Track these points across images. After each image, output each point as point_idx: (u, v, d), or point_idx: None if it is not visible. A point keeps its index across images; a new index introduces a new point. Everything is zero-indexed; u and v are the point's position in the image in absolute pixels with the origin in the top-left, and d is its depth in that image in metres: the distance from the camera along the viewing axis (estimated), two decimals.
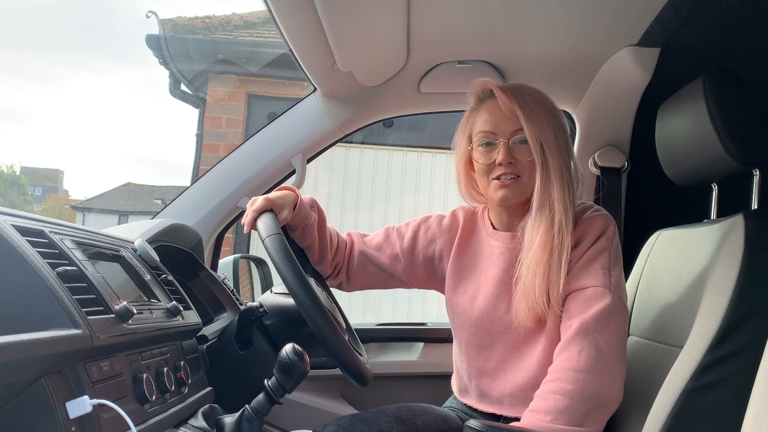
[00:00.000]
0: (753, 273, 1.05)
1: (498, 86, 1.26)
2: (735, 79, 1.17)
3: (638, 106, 1.66)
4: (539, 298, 1.18)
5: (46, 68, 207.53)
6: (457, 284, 1.37)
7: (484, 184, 1.28)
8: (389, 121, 1.96)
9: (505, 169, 1.24)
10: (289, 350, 1.04)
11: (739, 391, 0.93)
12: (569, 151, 1.27)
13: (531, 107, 1.23)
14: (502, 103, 1.24)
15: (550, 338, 1.24)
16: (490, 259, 1.34)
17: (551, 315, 1.20)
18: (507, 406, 1.30)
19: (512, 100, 1.23)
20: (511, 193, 1.25)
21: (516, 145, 1.24)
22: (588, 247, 1.22)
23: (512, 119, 1.24)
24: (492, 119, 1.26)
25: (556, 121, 1.26)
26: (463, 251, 1.39)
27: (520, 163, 1.24)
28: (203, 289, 1.51)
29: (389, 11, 1.33)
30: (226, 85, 5.25)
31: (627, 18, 1.40)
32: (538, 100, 1.25)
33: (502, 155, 1.23)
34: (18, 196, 36.84)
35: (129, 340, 0.92)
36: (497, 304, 1.30)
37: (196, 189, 1.80)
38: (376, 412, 1.27)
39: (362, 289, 1.49)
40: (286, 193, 1.31)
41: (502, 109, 1.24)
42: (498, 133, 1.25)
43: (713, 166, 1.20)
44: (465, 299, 1.35)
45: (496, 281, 1.31)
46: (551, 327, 1.23)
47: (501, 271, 1.30)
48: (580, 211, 1.27)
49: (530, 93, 1.26)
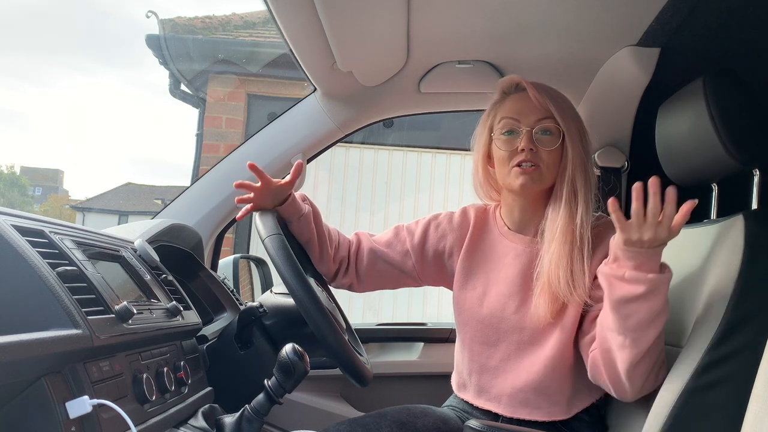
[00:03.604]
0: (753, 273, 1.05)
1: (528, 80, 1.30)
2: (735, 79, 1.17)
3: (638, 106, 1.66)
4: (564, 289, 1.21)
5: (40, 69, 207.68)
6: (466, 280, 1.38)
7: (504, 173, 1.30)
8: (389, 121, 1.96)
9: (526, 156, 1.26)
10: (289, 350, 1.04)
11: (739, 391, 0.93)
12: (589, 149, 1.33)
13: (558, 101, 1.29)
14: (532, 93, 1.28)
15: (559, 344, 1.25)
16: (503, 259, 1.35)
17: (573, 304, 1.23)
18: (504, 405, 1.30)
19: (541, 92, 1.28)
20: (531, 181, 1.27)
21: (538, 135, 1.28)
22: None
23: (538, 109, 1.28)
24: (516, 108, 1.30)
25: (579, 118, 1.33)
26: (474, 248, 1.40)
27: (541, 153, 1.27)
28: (203, 289, 1.52)
29: (389, 11, 1.34)
30: (226, 85, 5.25)
31: (627, 18, 1.40)
32: (563, 97, 1.33)
33: (525, 142, 1.26)
34: (18, 197, 36.85)
35: (129, 340, 0.92)
36: (507, 303, 1.31)
37: (196, 189, 1.80)
38: (376, 416, 1.27)
39: (373, 288, 1.49)
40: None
41: (528, 101, 1.29)
42: (521, 121, 1.29)
43: (713, 166, 1.20)
44: (474, 296, 1.36)
45: (509, 281, 1.32)
46: (561, 332, 1.25)
47: (516, 272, 1.32)
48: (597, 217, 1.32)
49: (556, 91, 1.33)
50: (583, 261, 1.22)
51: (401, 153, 4.92)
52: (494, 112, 1.35)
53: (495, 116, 1.34)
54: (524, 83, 1.29)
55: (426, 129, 4.99)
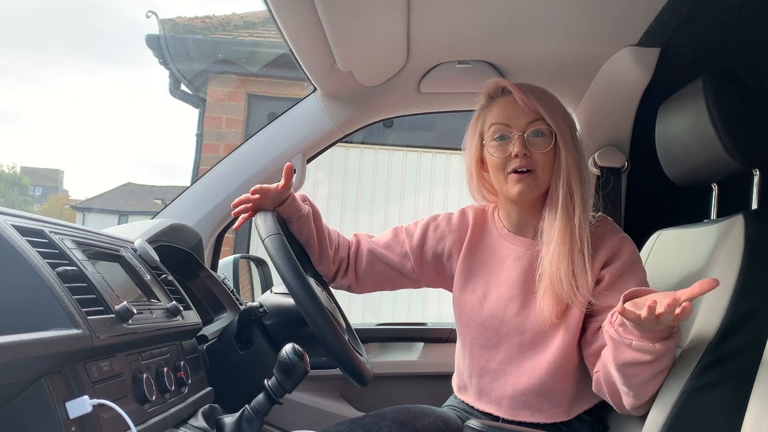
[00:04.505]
0: (753, 273, 1.05)
1: (512, 83, 1.28)
2: (735, 79, 1.17)
3: (638, 106, 1.66)
4: (567, 289, 1.20)
5: (39, 69, 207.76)
6: (466, 283, 1.38)
7: (500, 180, 1.29)
8: (389, 121, 1.96)
9: (521, 161, 1.25)
10: (289, 350, 1.04)
11: (739, 391, 0.93)
12: (581, 148, 1.31)
13: (546, 102, 1.27)
14: (518, 97, 1.26)
15: (563, 346, 1.25)
16: (504, 261, 1.35)
17: (577, 305, 1.23)
18: (505, 408, 1.30)
19: (527, 94, 1.25)
20: (528, 188, 1.26)
21: (531, 138, 1.26)
22: (626, 269, 1.25)
23: (527, 112, 1.26)
24: (505, 113, 1.28)
25: (569, 118, 1.30)
26: (473, 250, 1.39)
27: (535, 156, 1.26)
28: (203, 289, 1.51)
29: (389, 11, 1.33)
30: (226, 85, 5.25)
31: (627, 18, 1.40)
32: (551, 96, 1.30)
33: (518, 147, 1.25)
34: (19, 196, 36.85)
35: (129, 340, 0.92)
36: (508, 306, 1.31)
37: (196, 189, 1.80)
38: (376, 417, 1.27)
39: (372, 290, 1.49)
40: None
41: (516, 104, 1.26)
42: (512, 126, 1.27)
43: (713, 166, 1.20)
44: (474, 298, 1.35)
45: (510, 284, 1.32)
46: (566, 334, 1.25)
47: (517, 274, 1.31)
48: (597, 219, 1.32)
49: (543, 90, 1.30)
50: (584, 261, 1.22)
51: (401, 153, 4.92)
52: (483, 117, 1.33)
53: (484, 122, 1.32)
54: (509, 86, 1.27)
55: (426, 129, 4.99)
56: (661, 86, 1.50)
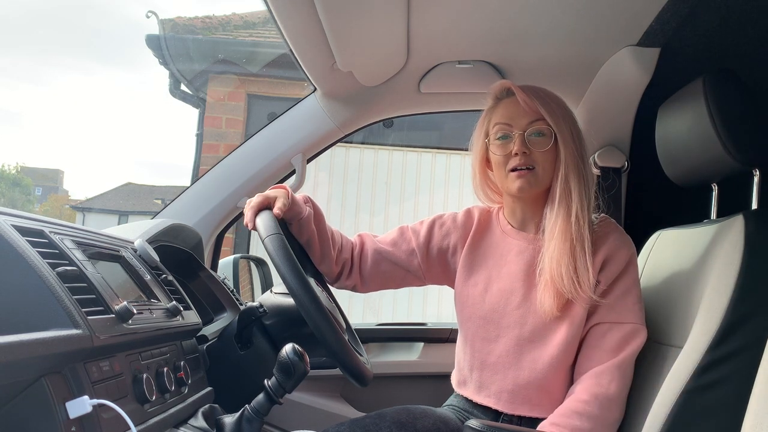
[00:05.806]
0: (753, 273, 1.05)
1: (516, 85, 1.32)
2: (735, 79, 1.17)
3: (638, 106, 1.66)
4: (568, 285, 1.22)
5: (38, 69, 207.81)
6: (468, 276, 1.40)
7: (502, 177, 1.33)
8: (389, 121, 1.96)
9: (520, 160, 1.29)
10: (289, 350, 1.04)
11: (739, 391, 0.93)
12: (584, 148, 1.34)
13: (548, 102, 1.30)
14: (520, 98, 1.29)
15: (565, 341, 1.26)
16: (506, 256, 1.37)
17: (580, 300, 1.24)
18: (504, 402, 1.31)
19: (530, 95, 1.29)
20: (527, 184, 1.29)
21: (531, 137, 1.30)
22: (620, 271, 1.28)
23: (528, 113, 1.30)
24: (508, 113, 1.32)
25: (571, 118, 1.33)
26: (476, 246, 1.42)
27: (535, 155, 1.29)
28: (203, 289, 1.52)
29: (389, 11, 1.34)
30: (226, 85, 5.25)
31: (627, 18, 1.40)
32: (554, 98, 1.33)
33: (518, 146, 1.29)
34: (20, 196, 36.84)
35: (129, 340, 0.92)
36: (510, 298, 1.32)
37: (196, 189, 1.80)
38: (376, 417, 1.27)
39: (377, 289, 1.50)
40: (278, 189, 1.33)
41: (519, 105, 1.30)
42: (514, 125, 1.31)
43: (713, 166, 1.20)
44: (476, 291, 1.37)
45: (511, 277, 1.34)
46: (569, 329, 1.25)
47: (519, 268, 1.34)
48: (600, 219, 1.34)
49: (546, 92, 1.34)
50: (585, 257, 1.24)
51: (401, 153, 4.92)
52: (488, 118, 1.37)
53: (489, 122, 1.36)
54: (513, 88, 1.31)
55: (426, 129, 4.99)
56: (661, 86, 1.50)
